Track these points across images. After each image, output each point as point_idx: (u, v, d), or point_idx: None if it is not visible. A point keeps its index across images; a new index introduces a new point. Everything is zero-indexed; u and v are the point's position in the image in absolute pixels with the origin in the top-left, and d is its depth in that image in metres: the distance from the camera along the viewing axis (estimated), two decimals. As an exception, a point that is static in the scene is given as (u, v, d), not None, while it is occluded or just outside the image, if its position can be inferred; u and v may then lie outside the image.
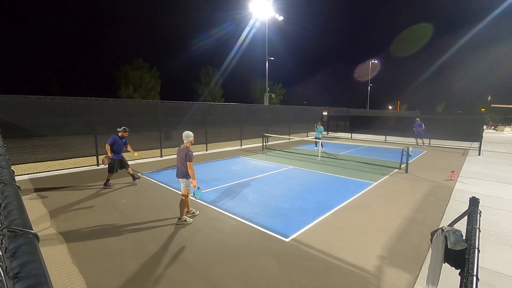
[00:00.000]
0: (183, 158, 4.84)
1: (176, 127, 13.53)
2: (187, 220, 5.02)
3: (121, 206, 5.86)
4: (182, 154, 4.85)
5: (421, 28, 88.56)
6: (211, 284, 3.30)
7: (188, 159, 4.79)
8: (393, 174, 8.94)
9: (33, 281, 0.60)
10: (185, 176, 4.92)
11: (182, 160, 4.85)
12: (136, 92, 32.81)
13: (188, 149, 4.87)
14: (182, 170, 4.92)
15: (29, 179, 7.95)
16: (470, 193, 6.44)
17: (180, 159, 4.90)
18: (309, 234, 4.58)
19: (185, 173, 4.90)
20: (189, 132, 5.04)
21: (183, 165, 4.87)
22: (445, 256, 2.09)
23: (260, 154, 12.81)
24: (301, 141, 18.08)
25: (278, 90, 49.26)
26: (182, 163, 4.87)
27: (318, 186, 7.44)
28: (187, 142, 4.96)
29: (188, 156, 4.79)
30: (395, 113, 53.27)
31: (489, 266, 3.63)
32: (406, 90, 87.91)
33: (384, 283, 3.34)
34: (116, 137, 7.16)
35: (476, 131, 14.66)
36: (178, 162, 4.96)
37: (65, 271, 3.50)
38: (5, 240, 0.77)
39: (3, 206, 1.04)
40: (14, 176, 1.72)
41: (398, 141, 17.36)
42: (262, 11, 22.21)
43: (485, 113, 46.32)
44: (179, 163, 4.95)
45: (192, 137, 5.04)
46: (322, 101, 70.94)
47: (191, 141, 5.03)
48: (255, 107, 20.29)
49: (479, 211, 2.16)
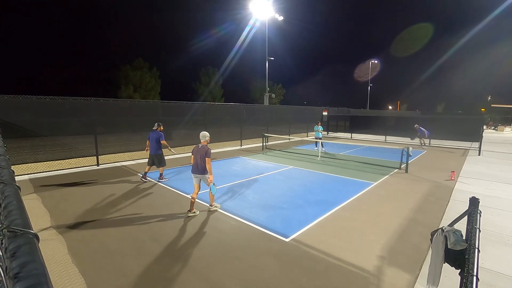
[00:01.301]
0: (202, 155, 5.22)
1: (176, 127, 13.54)
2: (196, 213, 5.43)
3: (121, 206, 5.86)
4: (202, 151, 5.24)
5: (421, 28, 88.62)
6: (211, 284, 3.30)
7: (207, 155, 5.20)
8: (393, 174, 8.94)
9: (33, 281, 0.60)
10: (204, 172, 5.28)
11: (202, 156, 5.23)
12: (136, 92, 32.76)
13: (207, 147, 5.32)
14: (202, 167, 5.27)
15: (29, 179, 7.95)
16: (470, 193, 6.44)
17: (200, 156, 5.25)
18: (309, 234, 4.58)
19: (204, 169, 5.26)
20: (206, 132, 5.50)
21: (202, 161, 5.24)
22: (445, 256, 2.09)
23: (260, 154, 12.81)
24: (301, 141, 18.08)
25: (278, 90, 49.22)
26: (202, 160, 5.23)
27: (318, 186, 7.44)
28: (204, 141, 5.40)
29: (207, 153, 5.21)
30: (395, 113, 53.24)
31: (489, 266, 3.63)
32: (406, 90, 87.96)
33: (384, 283, 3.34)
34: (150, 133, 7.82)
35: (476, 131, 14.67)
36: (196, 160, 5.30)
37: (65, 271, 3.50)
38: (5, 240, 0.76)
39: (3, 206, 1.04)
40: (14, 176, 1.72)
41: (398, 141, 17.36)
42: (262, 11, 22.20)
43: (485, 113, 46.31)
44: (198, 160, 5.28)
45: (209, 137, 5.49)
46: (322, 101, 71.03)
47: (207, 140, 5.47)
48: (255, 107, 20.30)
49: (479, 211, 2.16)
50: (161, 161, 7.82)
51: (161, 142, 7.69)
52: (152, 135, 7.71)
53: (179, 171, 9.03)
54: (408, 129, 16.42)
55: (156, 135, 7.69)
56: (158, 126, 7.82)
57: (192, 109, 14.26)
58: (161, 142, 7.70)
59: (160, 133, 7.76)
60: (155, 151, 7.67)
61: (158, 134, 7.71)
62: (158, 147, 7.69)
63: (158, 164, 7.80)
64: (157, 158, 7.73)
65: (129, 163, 10.46)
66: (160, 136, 7.71)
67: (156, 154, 7.70)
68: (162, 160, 7.83)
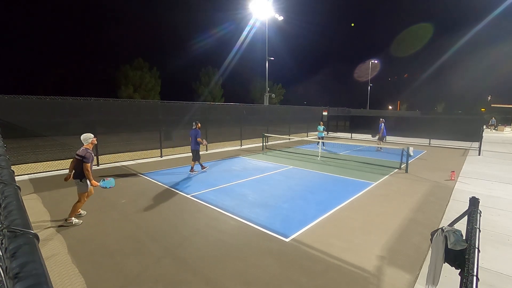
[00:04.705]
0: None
1: (176, 127, 13.54)
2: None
3: (121, 206, 5.86)
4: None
5: (421, 28, 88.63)
6: (211, 284, 3.30)
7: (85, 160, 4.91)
8: (393, 174, 8.94)
9: (33, 281, 0.60)
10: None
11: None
12: (136, 92, 32.75)
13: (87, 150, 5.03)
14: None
15: (29, 179, 7.95)
16: (470, 193, 6.44)
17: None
18: (309, 234, 4.58)
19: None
20: (88, 134, 5.27)
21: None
22: (445, 256, 2.09)
23: (260, 154, 12.81)
24: (301, 141, 18.07)
25: (278, 90, 49.20)
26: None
27: (318, 186, 7.44)
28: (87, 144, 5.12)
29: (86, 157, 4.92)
30: (395, 113, 53.26)
31: (489, 266, 3.63)
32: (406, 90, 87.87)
33: (384, 283, 3.34)
34: (190, 131, 8.64)
35: (476, 131, 14.67)
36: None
37: (65, 271, 3.50)
38: (5, 240, 0.77)
39: (3, 206, 1.04)
40: (14, 176, 1.72)
41: (398, 141, 17.36)
42: (262, 11, 22.20)
43: (485, 113, 46.30)
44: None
45: (92, 139, 5.27)
46: (322, 101, 70.99)
47: (92, 142, 5.25)
48: (255, 107, 20.29)
49: (479, 211, 2.16)
50: (196, 156, 8.58)
51: (197, 139, 8.43)
52: (191, 132, 8.59)
53: (179, 171, 9.04)
54: (408, 129, 16.42)
55: (195, 133, 8.52)
56: (195, 125, 8.63)
57: (192, 109, 14.27)
58: (197, 140, 8.43)
59: (198, 130, 8.59)
60: (194, 146, 8.52)
61: (196, 131, 8.54)
62: (196, 143, 8.49)
63: (194, 158, 8.59)
64: (194, 153, 8.57)
65: (129, 163, 10.45)
66: (197, 134, 8.52)
67: (194, 150, 8.53)
68: (197, 155, 8.59)
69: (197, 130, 8.59)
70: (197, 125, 8.67)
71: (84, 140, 5.09)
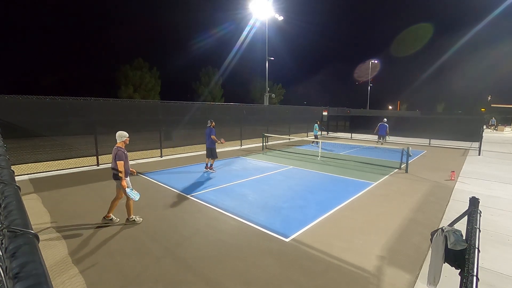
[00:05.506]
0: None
1: (176, 127, 13.54)
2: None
3: (121, 206, 5.86)
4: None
5: (421, 28, 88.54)
6: (211, 284, 3.30)
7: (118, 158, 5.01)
8: (393, 174, 8.94)
9: (33, 281, 0.60)
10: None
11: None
12: (136, 92, 32.76)
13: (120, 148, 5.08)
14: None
15: (29, 179, 7.95)
16: (470, 193, 6.44)
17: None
18: (309, 234, 4.58)
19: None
20: (123, 132, 5.22)
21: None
22: (445, 256, 2.09)
23: (260, 154, 12.81)
24: (301, 141, 18.07)
25: (278, 90, 49.20)
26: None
27: (318, 186, 7.44)
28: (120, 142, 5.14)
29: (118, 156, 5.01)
30: (395, 113, 53.25)
31: (489, 266, 3.63)
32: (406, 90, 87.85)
33: (384, 283, 3.34)
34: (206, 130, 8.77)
35: (476, 131, 14.67)
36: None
37: (65, 271, 3.50)
38: (5, 240, 0.77)
39: (3, 206, 1.04)
40: (14, 176, 1.72)
41: (398, 141, 17.36)
42: (262, 11, 22.19)
43: (485, 113, 46.29)
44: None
45: (126, 138, 5.25)
46: (322, 101, 70.96)
47: (125, 141, 5.22)
48: (255, 107, 20.29)
49: (479, 211, 2.16)
50: (213, 154, 8.76)
51: (211, 137, 8.54)
52: (206, 131, 8.75)
53: (179, 171, 9.04)
54: (409, 129, 16.41)
55: (209, 131, 8.66)
56: (210, 123, 8.72)
57: (192, 109, 14.26)
58: (211, 137, 8.55)
59: (212, 129, 8.69)
60: (209, 144, 8.67)
61: (210, 130, 8.66)
62: (211, 141, 8.62)
63: (210, 156, 8.80)
64: (209, 150, 8.75)
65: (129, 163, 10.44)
66: (211, 132, 8.62)
67: (210, 148, 8.70)
68: (213, 153, 8.77)
69: (211, 129, 8.66)
70: (212, 124, 8.72)
71: (117, 137, 5.05)
